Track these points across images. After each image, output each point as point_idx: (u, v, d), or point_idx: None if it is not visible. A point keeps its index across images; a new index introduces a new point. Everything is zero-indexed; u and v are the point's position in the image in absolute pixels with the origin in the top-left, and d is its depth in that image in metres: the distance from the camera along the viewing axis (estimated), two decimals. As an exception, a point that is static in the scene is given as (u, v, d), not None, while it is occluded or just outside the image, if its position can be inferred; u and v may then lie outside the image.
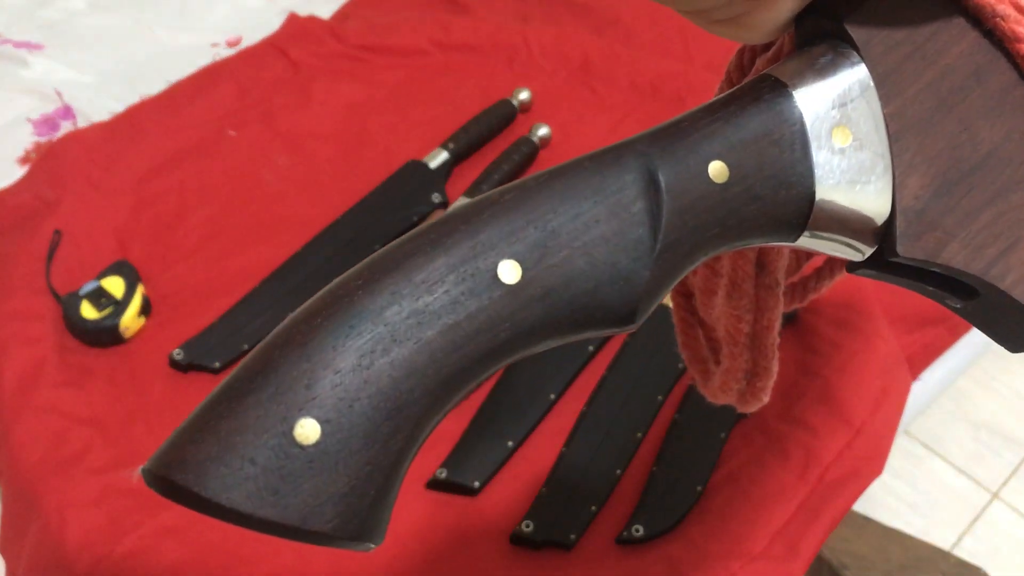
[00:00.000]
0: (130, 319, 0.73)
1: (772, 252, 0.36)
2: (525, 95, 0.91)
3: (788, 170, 0.28)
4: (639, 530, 0.61)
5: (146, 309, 0.75)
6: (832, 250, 0.30)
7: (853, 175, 0.28)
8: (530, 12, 1.04)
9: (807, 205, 0.28)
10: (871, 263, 0.30)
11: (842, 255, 0.30)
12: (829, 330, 0.71)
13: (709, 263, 0.37)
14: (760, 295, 0.37)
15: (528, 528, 0.62)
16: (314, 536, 0.22)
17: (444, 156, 0.85)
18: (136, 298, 0.73)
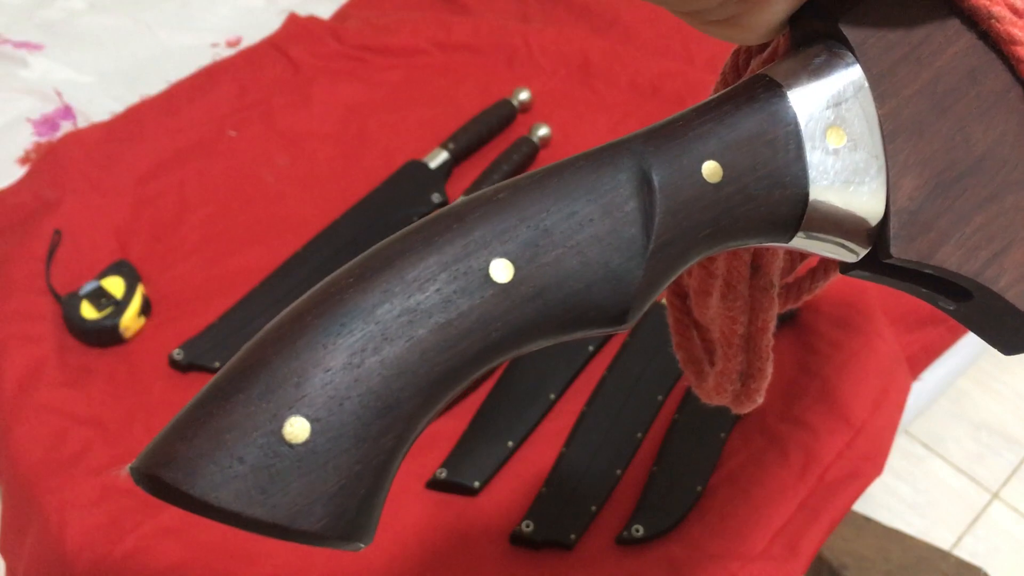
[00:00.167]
0: (130, 319, 0.73)
1: (767, 253, 0.36)
2: (525, 95, 0.91)
3: (782, 170, 0.27)
4: (639, 530, 0.61)
5: (146, 309, 0.75)
6: (826, 251, 0.30)
7: (847, 176, 0.28)
8: (530, 12, 1.04)
9: (801, 206, 0.28)
10: (865, 264, 0.30)
11: (836, 256, 0.30)
12: (829, 330, 0.71)
13: (704, 264, 0.37)
14: (755, 296, 0.37)
15: (528, 528, 0.62)
16: (303, 536, 0.22)
17: (444, 156, 0.85)
18: (136, 298, 0.73)
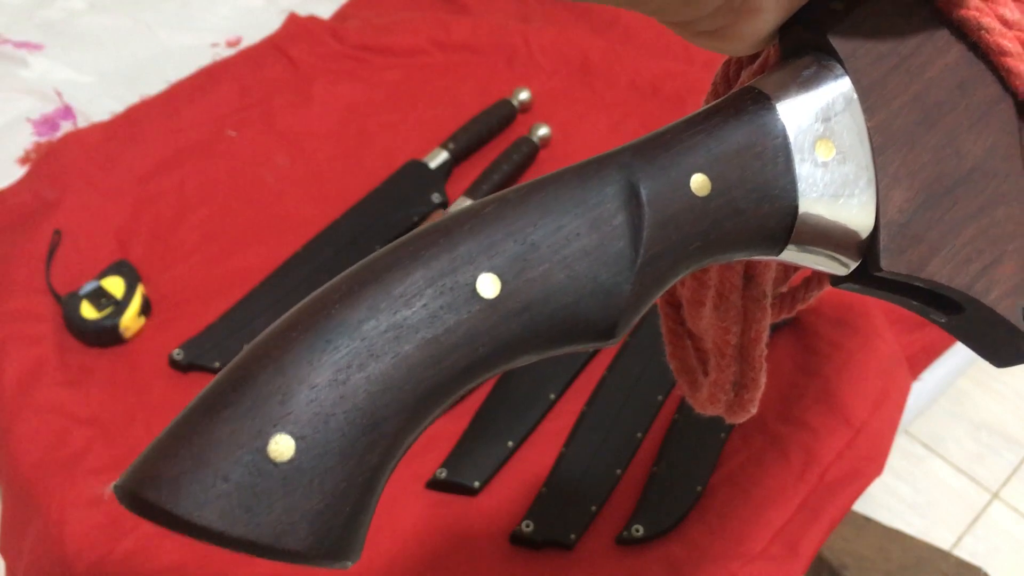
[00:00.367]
0: (130, 319, 0.73)
1: (760, 264, 0.36)
2: (525, 95, 0.91)
3: (771, 183, 0.27)
4: (639, 530, 0.61)
5: (146, 309, 0.75)
6: (816, 264, 0.29)
7: (836, 188, 0.28)
8: (530, 12, 1.04)
9: (790, 218, 0.28)
10: (855, 277, 0.29)
11: (826, 269, 0.30)
12: (829, 330, 0.70)
13: (697, 275, 0.37)
14: (747, 307, 0.37)
15: (528, 528, 0.62)
16: (288, 555, 0.22)
17: (444, 156, 0.85)
18: (136, 298, 0.74)
